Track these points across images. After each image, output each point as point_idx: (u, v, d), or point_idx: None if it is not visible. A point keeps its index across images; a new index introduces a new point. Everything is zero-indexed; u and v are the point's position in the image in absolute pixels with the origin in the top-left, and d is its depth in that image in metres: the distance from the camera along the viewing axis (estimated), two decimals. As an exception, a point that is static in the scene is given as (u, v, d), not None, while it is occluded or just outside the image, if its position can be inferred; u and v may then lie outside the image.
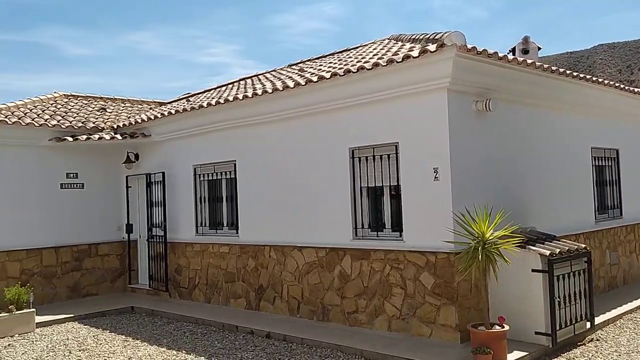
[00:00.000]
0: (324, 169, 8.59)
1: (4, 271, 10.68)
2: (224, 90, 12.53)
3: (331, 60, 10.70)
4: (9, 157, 10.91)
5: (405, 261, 7.58)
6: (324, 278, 8.59)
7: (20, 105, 11.84)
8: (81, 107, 13.02)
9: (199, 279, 10.79)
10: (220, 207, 10.72)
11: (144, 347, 8.00)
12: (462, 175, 7.26)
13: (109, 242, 12.24)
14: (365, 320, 8.03)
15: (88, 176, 11.97)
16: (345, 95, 8.16)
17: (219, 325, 9.00)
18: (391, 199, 7.99)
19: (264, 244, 9.58)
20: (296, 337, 7.90)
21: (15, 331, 8.95)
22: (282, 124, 9.27)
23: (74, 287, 11.64)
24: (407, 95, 7.52)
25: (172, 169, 11.34)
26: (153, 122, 11.43)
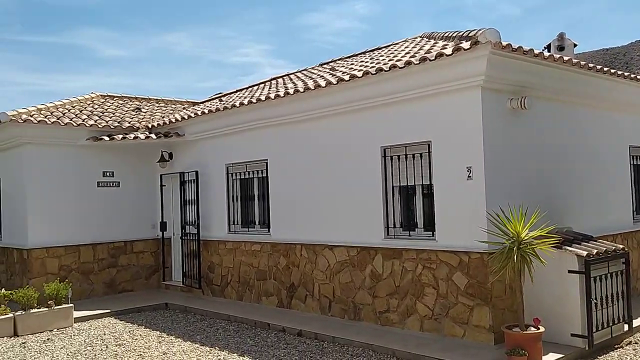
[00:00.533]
0: (356, 167, 8.59)
1: (43, 267, 10.99)
2: (256, 89, 12.63)
3: (363, 58, 10.68)
4: (49, 156, 11.22)
5: (437, 261, 7.52)
6: (355, 277, 8.59)
7: (59, 105, 12.16)
8: (117, 107, 13.30)
9: (231, 276, 10.92)
10: (252, 206, 10.82)
11: (178, 343, 8.13)
12: (496, 174, 7.17)
13: (144, 240, 12.48)
14: (397, 320, 8.00)
15: (124, 175, 12.23)
16: (377, 93, 8.14)
17: (251, 323, 9.09)
18: (423, 198, 7.94)
19: (295, 243, 9.63)
20: (328, 336, 7.92)
21: (54, 326, 9.21)
22: (314, 122, 9.30)
23: (110, 283, 11.92)
24: (440, 93, 7.46)
25: (205, 167, 11.49)
26: (186, 121, 11.60)
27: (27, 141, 11.01)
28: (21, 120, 10.59)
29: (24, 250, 11.01)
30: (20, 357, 7.64)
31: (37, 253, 10.94)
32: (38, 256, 10.94)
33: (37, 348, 8.09)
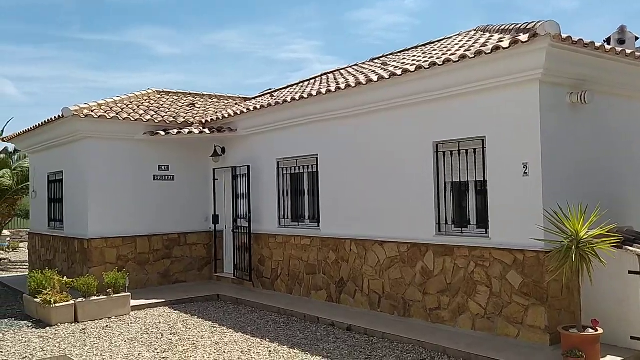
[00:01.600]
0: (407, 163, 8.52)
1: (102, 257, 11.43)
2: (306, 85, 12.69)
3: (415, 53, 10.56)
4: (108, 150, 11.65)
5: (491, 258, 7.38)
6: (406, 273, 8.54)
7: (117, 101, 12.58)
8: (172, 103, 13.65)
9: (281, 270, 11.04)
10: (302, 200, 10.90)
11: (229, 333, 8.30)
12: (553, 171, 6.97)
13: (197, 232, 12.78)
14: (448, 318, 7.90)
15: (178, 169, 12.55)
16: (430, 88, 8.04)
17: (301, 316, 9.18)
18: (477, 194, 7.79)
19: (344, 238, 9.65)
20: (377, 331, 7.90)
21: (112, 313, 9.56)
22: (365, 117, 9.27)
23: (164, 273, 12.27)
24: (496, 87, 7.29)
25: (257, 162, 11.65)
26: (239, 116, 11.79)
27: (88, 135, 11.46)
28: (83, 115, 11.02)
29: (85, 240, 11.48)
30: (81, 342, 7.97)
31: (96, 243, 11.38)
32: (97, 246, 11.39)
33: (96, 334, 8.42)
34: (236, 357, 7.03)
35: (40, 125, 12.46)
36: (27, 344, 7.90)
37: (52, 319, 9.00)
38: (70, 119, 11.12)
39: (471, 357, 6.63)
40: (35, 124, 12.73)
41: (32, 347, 7.73)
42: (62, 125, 11.76)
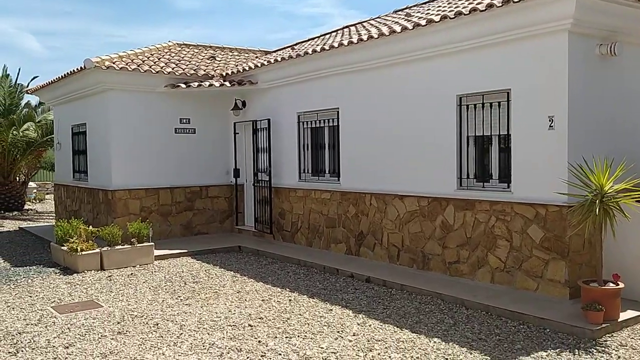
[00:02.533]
0: (430, 116, 8.41)
1: (125, 208, 11.64)
2: (328, 37, 12.47)
3: (440, 4, 10.25)
4: (130, 102, 11.70)
5: (512, 213, 7.34)
6: (425, 227, 8.55)
7: (138, 53, 12.55)
8: (193, 56, 13.57)
9: (301, 223, 11.14)
10: (322, 155, 10.89)
11: (251, 283, 8.47)
12: (580, 124, 6.82)
13: (218, 185, 12.91)
14: (467, 271, 7.94)
15: (199, 122, 12.58)
16: (455, 39, 7.84)
17: (320, 268, 9.30)
18: (500, 148, 7.69)
19: (364, 192, 9.66)
20: (396, 283, 7.99)
21: (136, 262, 9.80)
22: (387, 70, 9.12)
23: (186, 225, 12.48)
24: (523, 38, 7.09)
25: (277, 116, 11.61)
26: (260, 69, 11.69)
27: (110, 87, 11.50)
28: (104, 67, 11.03)
29: (109, 191, 11.68)
30: (107, 288, 8.21)
31: (120, 194, 11.58)
32: (121, 197, 11.59)
33: (121, 281, 8.66)
34: (257, 305, 7.19)
35: (63, 77, 12.53)
36: (55, 290, 8.17)
37: (79, 266, 9.27)
38: (92, 71, 11.15)
39: (489, 309, 6.68)
40: (58, 76, 12.80)
41: (60, 293, 7.99)
42: (84, 77, 11.81)
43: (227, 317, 6.69)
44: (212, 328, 6.27)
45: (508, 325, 6.21)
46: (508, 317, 6.45)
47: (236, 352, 5.51)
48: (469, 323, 6.32)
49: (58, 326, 6.40)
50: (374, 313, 6.76)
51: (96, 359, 5.38)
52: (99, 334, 6.12)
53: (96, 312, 6.96)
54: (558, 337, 5.79)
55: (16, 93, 19.34)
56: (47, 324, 6.49)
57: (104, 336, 6.04)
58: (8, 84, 19.24)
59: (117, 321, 6.57)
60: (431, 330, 6.08)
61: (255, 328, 6.25)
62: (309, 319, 6.56)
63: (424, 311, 6.82)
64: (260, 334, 6.05)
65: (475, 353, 5.39)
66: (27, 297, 7.76)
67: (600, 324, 5.86)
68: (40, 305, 7.31)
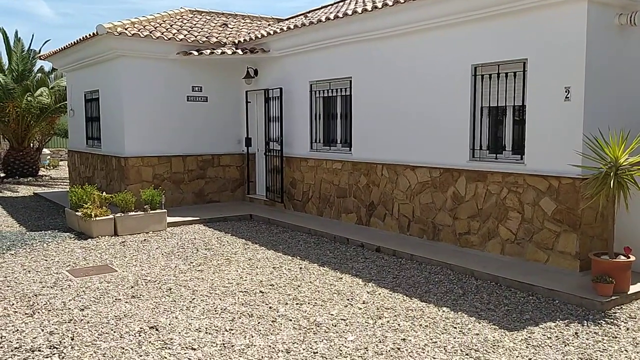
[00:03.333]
0: (444, 86, 8.32)
1: (138, 175, 11.73)
2: (342, 5, 12.27)
3: (457, -29, 10.04)
4: (142, 69, 11.67)
5: (524, 185, 7.30)
6: (437, 198, 8.54)
7: (150, 19, 12.45)
8: (205, 23, 13.45)
9: (312, 192, 11.18)
10: (334, 124, 10.85)
11: (262, 250, 8.55)
12: (596, 96, 6.72)
13: (230, 154, 12.94)
14: (477, 242, 7.95)
15: (211, 90, 12.54)
16: (471, 7, 7.69)
17: (331, 237, 9.36)
18: (514, 119, 7.61)
19: (376, 162, 9.64)
20: (405, 253, 8.03)
21: (149, 228, 9.92)
22: (401, 39, 9.00)
23: (198, 193, 12.57)
24: (542, 6, 6.94)
25: (289, 85, 11.54)
26: (272, 37, 11.57)
27: (122, 54, 11.46)
28: (116, 33, 10.98)
29: (122, 158, 11.76)
30: (121, 253, 8.34)
31: (133, 161, 11.65)
32: (134, 164, 11.66)
33: (135, 247, 8.79)
34: (268, 272, 7.28)
35: (76, 44, 12.50)
36: (70, 254, 8.31)
37: (93, 231, 9.41)
38: (104, 37, 11.10)
39: (498, 280, 6.71)
40: (71, 42, 12.77)
41: (75, 257, 8.13)
42: (96, 42, 11.77)
43: (239, 283, 6.79)
44: (224, 294, 6.37)
45: (517, 296, 6.24)
46: (517, 288, 6.48)
47: (247, 317, 5.61)
48: (478, 293, 6.37)
49: (73, 289, 6.53)
50: (383, 282, 6.83)
51: (111, 321, 5.50)
52: (113, 297, 6.25)
53: (110, 276, 7.09)
54: (567, 309, 5.82)
55: (29, 59, 19.35)
56: (62, 287, 6.62)
57: (118, 299, 6.16)
58: (21, 49, 19.24)
59: (130, 285, 6.70)
60: (440, 300, 6.13)
61: (266, 294, 6.34)
62: (319, 286, 6.64)
63: (433, 281, 6.87)
64: (271, 300, 6.14)
65: (483, 322, 5.43)
66: (42, 260, 7.91)
67: (609, 296, 5.87)
68: (56, 269, 7.45)
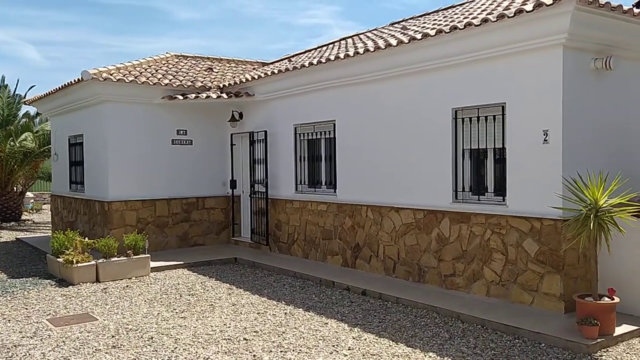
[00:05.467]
0: (425, 129, 8.45)
1: (122, 219, 11.63)
2: (325, 50, 12.55)
3: (435, 17, 10.35)
4: (127, 114, 11.72)
5: (507, 226, 7.35)
6: (421, 240, 8.56)
7: (136, 64, 12.59)
8: (190, 67, 13.62)
9: (298, 234, 11.14)
10: (319, 166, 10.92)
11: (246, 295, 8.45)
12: (574, 138, 6.86)
13: (215, 197, 12.91)
14: (463, 284, 7.94)
15: (196, 133, 12.61)
16: (450, 53, 7.90)
17: (317, 280, 9.29)
18: (495, 161, 7.72)
19: (361, 204, 9.67)
20: (392, 296, 7.98)
21: (132, 274, 9.77)
22: (383, 83, 9.17)
23: (183, 236, 12.47)
24: (518, 52, 7.14)
25: (274, 127, 11.64)
26: (257, 81, 11.73)
27: (107, 99, 11.52)
28: (102, 78, 11.06)
29: (105, 202, 11.67)
30: (102, 301, 8.19)
31: (116, 206, 11.57)
32: (117, 209, 11.58)
33: (117, 294, 8.63)
34: (252, 318, 7.17)
35: (61, 89, 12.56)
36: (50, 302, 8.14)
37: (75, 278, 9.24)
38: (89, 82, 11.18)
39: (485, 323, 6.68)
40: (56, 87, 12.83)
41: (56, 305, 7.96)
42: (81, 88, 11.84)
43: (223, 330, 6.67)
44: (207, 342, 6.25)
45: (503, 340, 6.20)
46: (503, 331, 6.44)
47: (231, 366, 5.49)
48: (464, 337, 6.32)
49: (53, 339, 6.38)
50: (369, 327, 6.75)
51: (90, 373, 5.36)
52: (93, 347, 6.10)
53: (91, 325, 6.94)
54: (553, 352, 5.78)
55: (14, 104, 19.39)
56: (42, 337, 6.46)
57: (98, 350, 6.01)
58: (6, 94, 19.28)
59: (111, 335, 6.55)
60: (427, 345, 6.07)
61: (250, 342, 6.23)
62: (304, 332, 6.55)
63: (420, 325, 6.81)
64: (256, 348, 6.03)
65: (470, 368, 5.37)
66: (22, 309, 7.73)
67: (595, 339, 5.85)
68: (36, 318, 7.28)
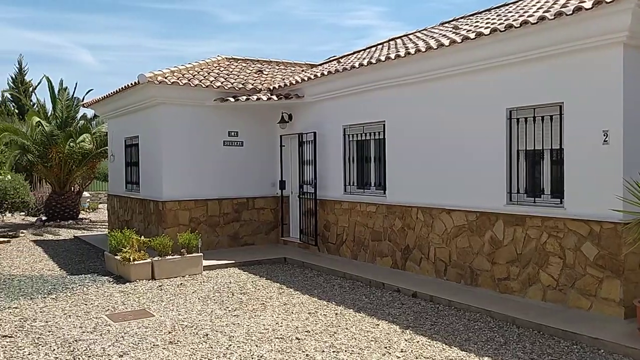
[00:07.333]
0: (478, 130, 8.32)
1: (175, 219, 11.94)
2: (374, 51, 12.52)
3: (488, 16, 10.17)
4: (180, 116, 12.03)
5: (565, 229, 7.16)
6: (474, 242, 8.43)
7: (189, 67, 12.90)
8: (241, 70, 13.85)
9: (347, 235, 11.16)
10: (368, 167, 10.90)
11: (297, 295, 8.53)
12: (636, 139, 6.62)
13: (264, 197, 13.09)
14: (517, 288, 7.77)
15: (247, 135, 12.81)
16: (504, 52, 7.75)
17: (366, 281, 9.28)
18: (552, 163, 7.53)
19: (411, 205, 9.61)
20: (443, 299, 7.89)
21: (186, 272, 10.02)
22: (435, 83, 9.09)
23: (233, 236, 12.69)
24: (576, 51, 6.95)
25: (323, 129, 11.70)
26: (306, 83, 11.83)
27: (162, 101, 11.86)
28: (157, 81, 11.39)
29: (160, 202, 12.01)
30: (158, 298, 8.43)
31: (170, 205, 11.89)
32: (171, 208, 11.90)
33: (172, 291, 8.87)
34: (304, 318, 7.24)
35: (118, 92, 13.00)
36: (108, 298, 8.44)
37: (131, 275, 9.55)
38: (145, 85, 11.53)
39: (541, 328, 6.52)
40: (113, 91, 13.29)
41: (114, 301, 8.25)
42: (137, 91, 12.22)
43: (275, 329, 6.77)
44: (260, 340, 6.35)
45: (561, 345, 6.04)
46: (561, 337, 6.27)
47: (284, 365, 5.56)
48: (520, 342, 6.19)
49: (112, 334, 6.61)
50: (421, 329, 6.71)
51: (149, 368, 5.53)
52: (151, 343, 6.29)
53: (148, 321, 7.16)
54: (613, 359, 5.60)
55: (73, 106, 20.17)
56: (102, 332, 6.71)
57: (155, 345, 6.20)
58: (65, 97, 20.07)
59: (168, 331, 6.74)
60: (481, 349, 5.98)
61: (302, 341, 6.29)
62: (355, 333, 6.57)
63: (473, 328, 6.71)
64: (308, 347, 6.09)
65: (526, 374, 5.26)
66: (82, 305, 8.05)
67: (659, 347, 5.63)
68: (95, 313, 7.57)
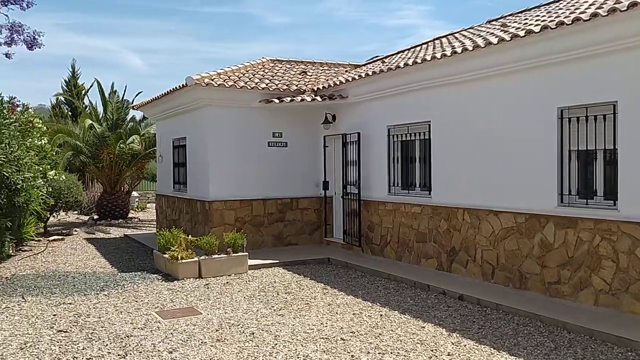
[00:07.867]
0: (528, 130, 8.13)
1: (221, 218, 12.14)
2: (418, 50, 12.41)
3: (537, 13, 9.93)
4: (226, 117, 12.22)
5: (618, 232, 6.91)
6: (523, 245, 8.24)
7: (234, 70, 13.09)
8: (285, 71, 13.96)
9: (391, 237, 11.09)
10: (412, 168, 10.81)
11: (341, 295, 8.53)
12: (697, 139, 6.34)
13: (308, 197, 13.15)
14: (568, 292, 7.56)
15: (291, 135, 12.91)
16: (555, 50, 7.55)
17: (411, 283, 9.21)
18: (605, 163, 7.29)
19: (457, 207, 9.47)
20: (491, 302, 7.74)
21: (231, 271, 10.17)
22: (481, 82, 8.93)
23: (277, 236, 12.81)
24: (630, 48, 6.70)
25: (367, 129, 11.67)
26: (350, 83, 11.82)
27: (208, 103, 12.08)
28: (204, 84, 11.61)
29: (206, 202, 12.24)
30: (205, 296, 8.59)
31: (216, 205, 12.10)
32: (217, 208, 12.10)
33: (218, 289, 9.02)
34: (348, 319, 7.24)
35: (166, 94, 13.32)
36: (158, 295, 8.65)
37: (179, 273, 9.77)
38: (192, 88, 11.77)
39: (593, 334, 6.32)
40: (161, 93, 13.62)
41: (163, 298, 8.46)
42: (185, 93, 12.49)
43: (320, 329, 6.79)
44: (306, 340, 6.38)
45: (614, 352, 5.84)
46: (614, 343, 6.06)
47: (330, 365, 5.58)
48: (571, 347, 6.02)
49: (162, 331, 6.78)
50: (468, 332, 6.60)
51: (198, 364, 5.64)
52: (199, 340, 6.42)
53: (196, 319, 7.30)
54: (673, 369, 5.38)
55: (122, 109, 20.79)
56: (152, 329, 6.88)
57: (204, 343, 6.32)
58: (115, 100, 20.71)
59: (215, 329, 6.86)
60: (531, 354, 5.84)
61: (347, 342, 6.29)
62: (401, 335, 6.52)
63: (523, 333, 6.56)
64: (353, 348, 6.09)
65: (579, 381, 5.11)
66: (133, 301, 8.28)
67: None
68: (145, 310, 7.77)
